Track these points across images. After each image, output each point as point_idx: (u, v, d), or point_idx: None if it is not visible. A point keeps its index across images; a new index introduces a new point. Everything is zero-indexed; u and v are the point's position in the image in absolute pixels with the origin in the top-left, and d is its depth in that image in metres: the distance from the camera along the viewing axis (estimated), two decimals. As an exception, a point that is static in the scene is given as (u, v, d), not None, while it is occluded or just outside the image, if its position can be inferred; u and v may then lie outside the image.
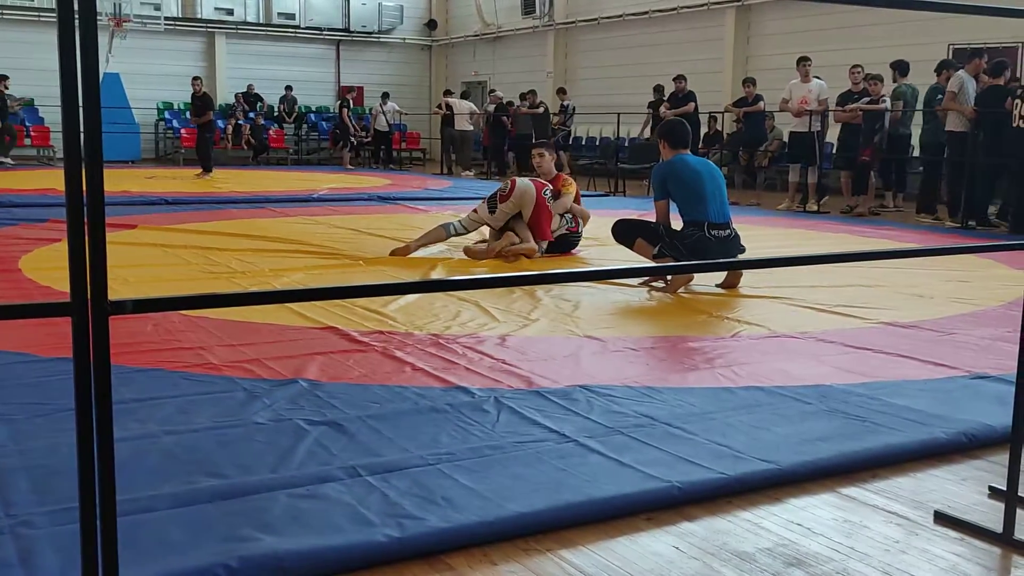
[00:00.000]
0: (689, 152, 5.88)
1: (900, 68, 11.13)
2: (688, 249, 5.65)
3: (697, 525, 2.39)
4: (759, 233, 8.66)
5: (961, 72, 10.10)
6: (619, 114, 15.38)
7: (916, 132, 11.09)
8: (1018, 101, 9.26)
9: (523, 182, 6.92)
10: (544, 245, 6.95)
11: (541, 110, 17.00)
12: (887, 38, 13.42)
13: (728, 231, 5.72)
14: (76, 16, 1.27)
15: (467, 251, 6.86)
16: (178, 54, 21.37)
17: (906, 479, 2.74)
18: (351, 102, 19.71)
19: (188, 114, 16.10)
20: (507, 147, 17.64)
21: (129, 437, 2.77)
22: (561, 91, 17.69)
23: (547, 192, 6.93)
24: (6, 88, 17.23)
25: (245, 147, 20.13)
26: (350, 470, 2.57)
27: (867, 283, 5.96)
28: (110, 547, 1.43)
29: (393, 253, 6.80)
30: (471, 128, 18.34)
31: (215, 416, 3.03)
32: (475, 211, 7.03)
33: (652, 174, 5.82)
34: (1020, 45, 12.24)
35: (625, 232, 6.08)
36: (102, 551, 1.43)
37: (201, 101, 15.25)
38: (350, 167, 18.60)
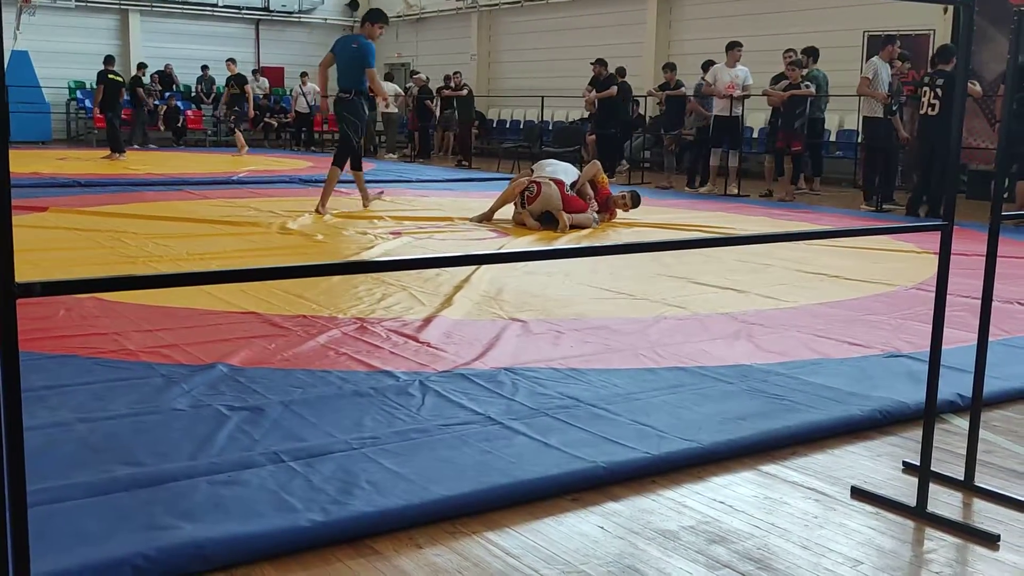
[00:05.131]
0: (363, 34, 8.11)
1: (812, 54, 11.42)
2: (334, 110, 8.21)
3: (622, 505, 2.41)
4: (681, 216, 8.78)
5: (875, 59, 10.32)
6: (543, 97, 15.39)
7: (830, 117, 11.24)
8: (926, 88, 9.49)
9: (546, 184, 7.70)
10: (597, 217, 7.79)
11: (464, 92, 16.90)
12: (804, 24, 13.69)
13: (347, 95, 8.06)
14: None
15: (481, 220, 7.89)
16: (90, 32, 20.69)
17: (824, 456, 2.80)
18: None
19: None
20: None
21: (40, 425, 2.68)
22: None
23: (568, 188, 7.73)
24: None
25: (161, 128, 19.60)
26: (272, 456, 2.53)
27: (785, 265, 6.09)
28: (20, 539, 1.38)
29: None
30: (395, 111, 18.13)
31: (131, 403, 2.96)
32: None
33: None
34: (932, 33, 12.58)
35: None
36: (12, 543, 1.38)
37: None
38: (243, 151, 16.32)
